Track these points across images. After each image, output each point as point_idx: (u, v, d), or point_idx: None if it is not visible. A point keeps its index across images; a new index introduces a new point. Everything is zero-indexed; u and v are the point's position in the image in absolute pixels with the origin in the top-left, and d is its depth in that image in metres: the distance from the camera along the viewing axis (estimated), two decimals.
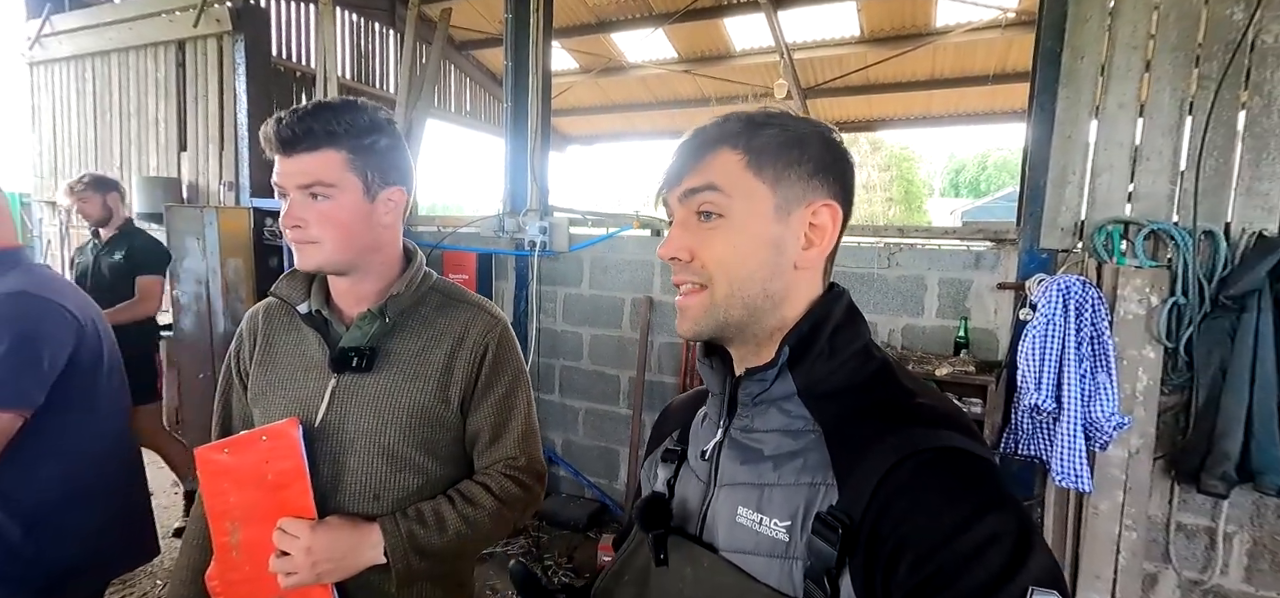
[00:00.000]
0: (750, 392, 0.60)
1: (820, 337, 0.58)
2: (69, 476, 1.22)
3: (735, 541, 0.57)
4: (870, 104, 8.41)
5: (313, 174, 0.89)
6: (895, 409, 0.55)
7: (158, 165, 5.04)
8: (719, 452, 0.63)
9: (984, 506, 0.48)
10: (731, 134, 0.59)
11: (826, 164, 0.59)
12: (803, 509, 0.53)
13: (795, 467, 0.56)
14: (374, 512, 0.95)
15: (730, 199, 0.58)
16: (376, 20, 6.50)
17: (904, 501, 0.48)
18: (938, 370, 2.37)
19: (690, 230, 0.60)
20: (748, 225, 0.58)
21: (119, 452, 1.37)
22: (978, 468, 0.50)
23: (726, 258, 0.58)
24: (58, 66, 5.55)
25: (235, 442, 0.97)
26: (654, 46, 7.10)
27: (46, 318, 1.17)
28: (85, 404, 1.25)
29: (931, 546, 0.46)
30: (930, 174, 29.71)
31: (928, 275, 2.65)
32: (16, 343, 1.10)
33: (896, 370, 0.60)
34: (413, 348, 1.00)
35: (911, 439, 0.51)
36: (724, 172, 0.58)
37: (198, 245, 3.43)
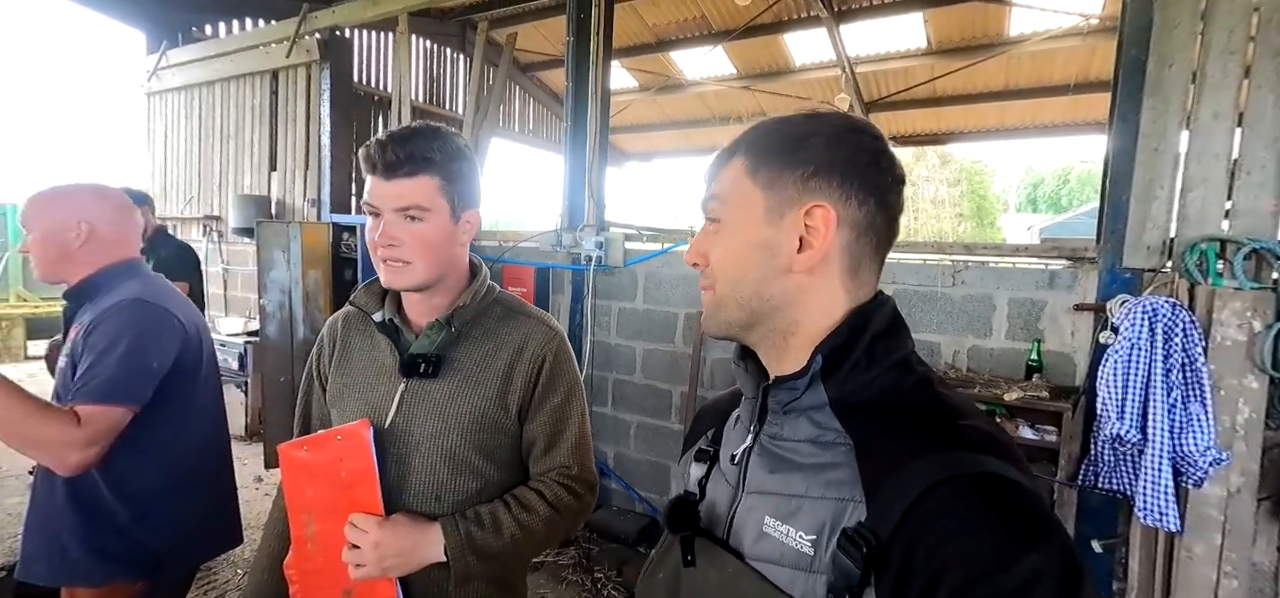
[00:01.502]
0: (780, 400, 0.59)
1: (856, 347, 0.56)
2: (169, 466, 1.35)
3: (761, 549, 0.57)
4: (939, 117, 8.11)
5: (410, 198, 0.96)
6: (934, 429, 0.53)
7: (251, 184, 5.48)
8: (748, 458, 0.63)
9: (1028, 540, 0.45)
10: (743, 141, 0.61)
11: (830, 164, 0.57)
12: (829, 524, 0.52)
13: (824, 480, 0.55)
14: (435, 512, 1.01)
15: (726, 205, 0.60)
16: (449, 46, 6.84)
17: (941, 528, 0.46)
18: (1007, 395, 2.25)
19: (704, 236, 0.63)
20: (739, 229, 0.60)
21: (213, 445, 1.50)
22: (1022, 499, 0.47)
23: (722, 260, 0.61)
24: (171, 96, 6.15)
25: (313, 440, 1.05)
26: (713, 64, 7.12)
27: (157, 324, 1.30)
28: (185, 402, 1.38)
29: (970, 579, 0.44)
30: (1005, 189, 28.24)
31: (996, 295, 2.53)
32: (131, 345, 1.24)
33: (938, 387, 0.58)
34: (476, 356, 1.05)
35: (951, 463, 0.49)
36: (727, 179, 0.61)
37: (283, 257, 3.70)
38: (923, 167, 24.25)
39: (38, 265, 1.35)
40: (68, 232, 1.32)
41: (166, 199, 6.24)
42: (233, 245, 5.62)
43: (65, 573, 1.29)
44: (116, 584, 1.31)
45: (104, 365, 1.21)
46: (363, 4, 4.66)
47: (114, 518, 1.29)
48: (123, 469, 1.28)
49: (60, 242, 1.32)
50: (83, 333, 1.26)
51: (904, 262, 2.74)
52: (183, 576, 1.51)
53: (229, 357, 4.43)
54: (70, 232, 1.32)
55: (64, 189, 1.37)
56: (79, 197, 1.36)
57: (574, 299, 3.61)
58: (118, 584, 1.32)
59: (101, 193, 1.40)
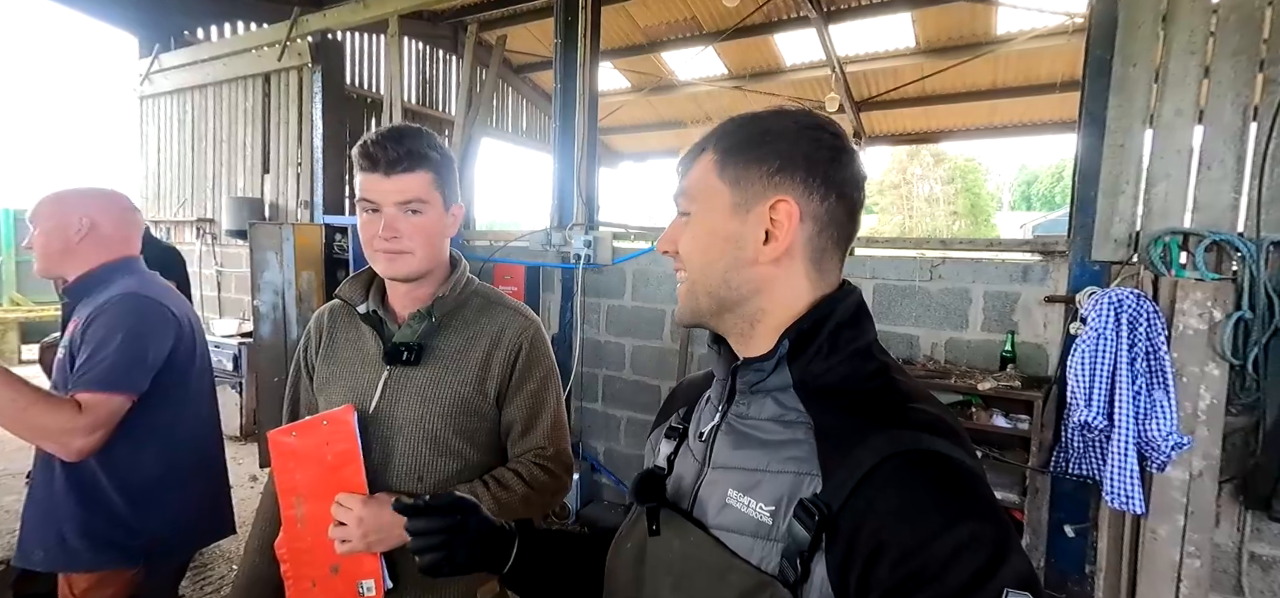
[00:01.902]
0: (748, 380, 0.63)
1: (821, 333, 0.60)
2: (165, 455, 1.40)
3: (723, 519, 0.61)
4: (929, 116, 8.19)
5: (411, 192, 1.03)
6: (887, 411, 0.57)
7: (244, 186, 5.52)
8: (715, 435, 0.66)
9: (963, 511, 0.49)
10: (712, 138, 0.64)
11: (792, 160, 0.60)
12: (787, 496, 0.56)
13: (784, 455, 0.59)
14: (417, 491, 1.06)
15: (694, 200, 0.64)
16: (441, 47, 6.89)
17: (885, 500, 0.51)
18: (981, 385, 2.32)
19: (675, 227, 0.67)
20: (706, 222, 0.63)
21: (206, 437, 1.55)
22: (960, 474, 0.52)
23: (690, 250, 0.65)
24: (163, 99, 6.18)
25: (301, 426, 1.10)
26: (704, 64, 7.19)
27: (153, 316, 1.36)
28: (180, 393, 1.43)
29: (911, 547, 0.48)
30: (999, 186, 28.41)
31: (972, 288, 2.60)
32: (127, 337, 1.29)
33: (895, 374, 0.62)
34: (455, 345, 1.11)
35: (897, 440, 0.53)
36: (696, 174, 0.64)
37: (276, 259, 3.75)
38: (916, 165, 24.39)
39: (39, 259, 1.40)
40: (70, 227, 1.37)
41: (160, 202, 6.28)
42: (226, 247, 5.66)
43: (63, 560, 1.34)
44: (112, 570, 1.36)
45: (103, 355, 1.26)
46: (354, 7, 4.71)
47: (111, 506, 1.34)
48: (120, 458, 1.33)
49: (62, 236, 1.37)
50: (81, 325, 1.32)
51: (884, 257, 2.80)
52: (177, 564, 1.56)
53: (224, 358, 4.47)
54: (72, 227, 1.37)
55: (70, 190, 1.43)
56: (84, 195, 1.42)
57: (564, 297, 3.66)
58: (113, 570, 1.36)
59: (106, 193, 1.46)
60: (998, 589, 0.46)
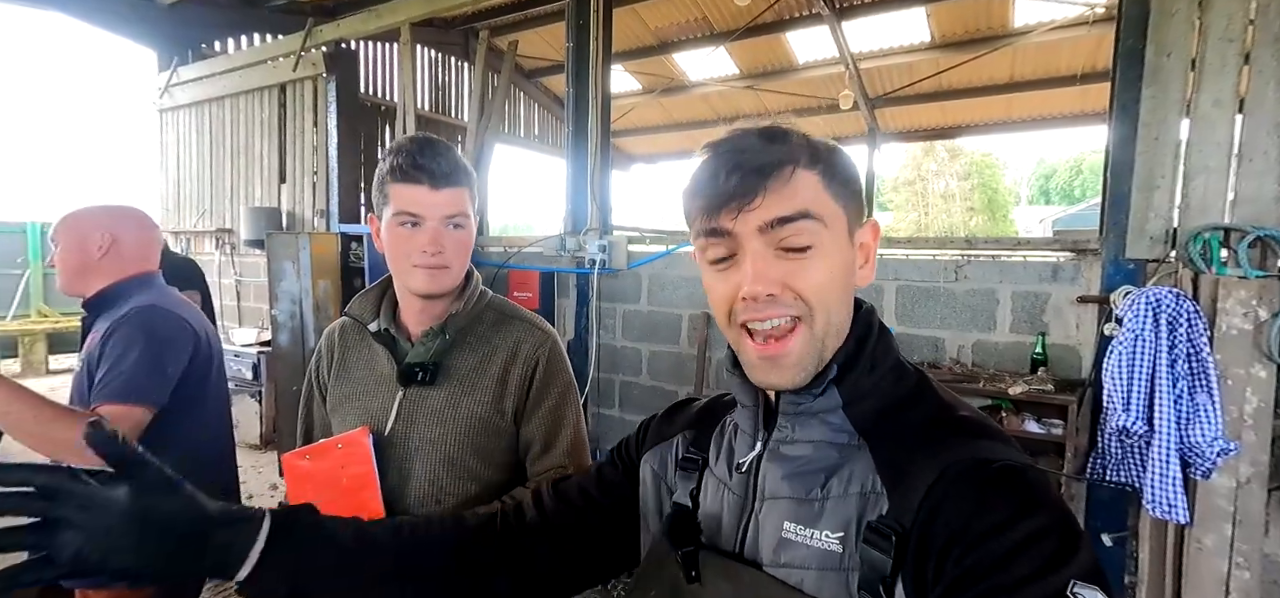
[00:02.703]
0: (795, 402, 0.60)
1: (864, 352, 0.60)
2: (181, 466, 1.38)
3: (784, 556, 0.57)
4: (944, 111, 8.06)
5: (457, 206, 1.02)
6: (938, 423, 0.57)
7: (261, 196, 5.56)
8: (759, 465, 0.62)
9: (1029, 505, 0.49)
10: (801, 151, 0.56)
11: (860, 185, 0.61)
12: (855, 520, 0.55)
13: (843, 478, 0.57)
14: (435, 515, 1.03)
15: (825, 225, 0.56)
16: (453, 54, 6.91)
17: (951, 505, 0.50)
18: (1011, 389, 2.24)
19: (774, 260, 0.55)
20: (834, 252, 0.57)
21: (221, 447, 1.54)
22: (1023, 475, 0.52)
23: (824, 286, 0.56)
24: (182, 112, 6.26)
25: (315, 449, 1.07)
26: (716, 64, 7.13)
27: (171, 329, 1.36)
28: (198, 405, 1.43)
29: (976, 539, 0.48)
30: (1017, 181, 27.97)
31: (1000, 289, 2.52)
32: (146, 349, 1.29)
33: (933, 384, 0.62)
34: (470, 362, 1.07)
35: (956, 450, 0.53)
36: (811, 197, 0.55)
37: (293, 268, 3.76)
38: (931, 161, 24.07)
39: (62, 276, 1.41)
40: (91, 244, 1.38)
41: (180, 213, 6.35)
42: (245, 257, 5.71)
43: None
44: (133, 589, 1.34)
45: (122, 368, 1.26)
46: (366, 16, 4.72)
47: None
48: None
49: (83, 253, 1.38)
50: (100, 339, 1.31)
51: (906, 258, 2.73)
52: (197, 585, 1.54)
53: (243, 367, 4.50)
54: (93, 244, 1.38)
55: (91, 208, 1.43)
56: (103, 212, 1.43)
57: (579, 302, 3.63)
58: (133, 589, 1.34)
59: (125, 210, 1.47)
60: (1065, 581, 0.45)
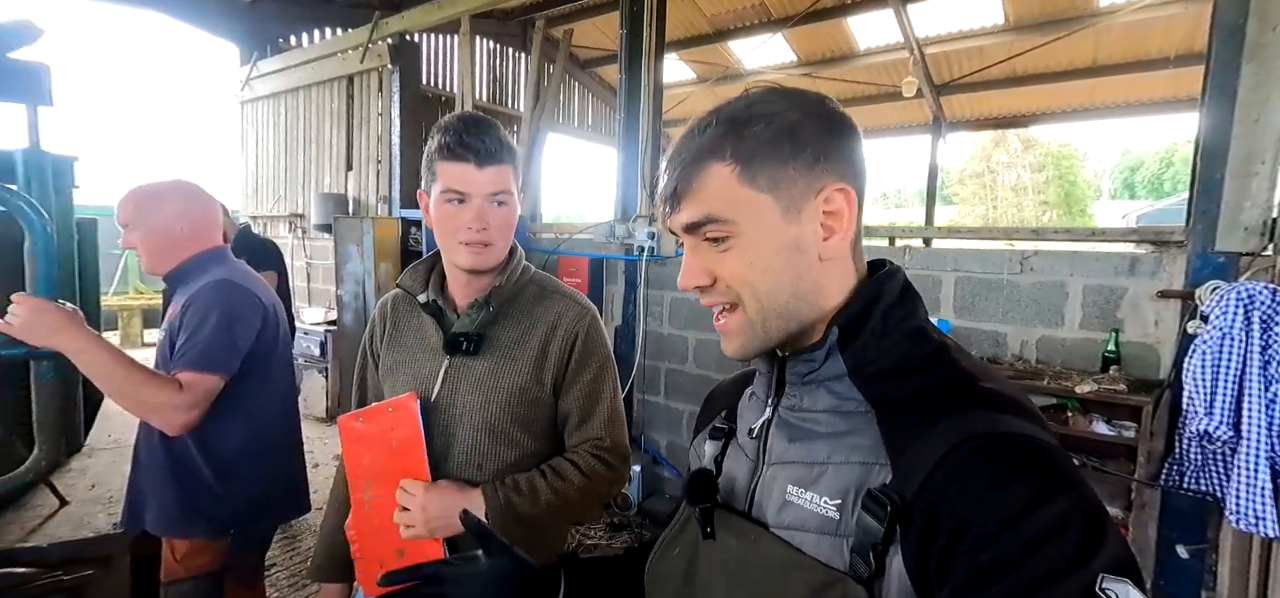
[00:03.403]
0: (798, 372, 0.60)
1: (872, 316, 0.57)
2: (248, 433, 1.49)
3: (785, 517, 0.57)
4: (1018, 98, 7.61)
5: (501, 184, 1.04)
6: (955, 392, 0.53)
7: (330, 183, 5.86)
8: (767, 430, 0.63)
9: (1050, 489, 0.45)
10: (715, 145, 0.56)
11: (827, 144, 0.56)
12: (854, 487, 0.53)
13: (847, 446, 0.55)
14: (476, 479, 1.07)
15: (732, 221, 0.56)
16: (511, 45, 7.05)
17: (962, 483, 0.47)
18: (1079, 387, 2.11)
19: (703, 254, 0.59)
20: (758, 239, 0.56)
21: (285, 418, 1.64)
22: (1042, 453, 0.48)
23: (745, 276, 0.57)
24: (261, 103, 6.66)
25: (367, 412, 1.13)
26: (772, 52, 6.99)
27: (242, 302, 1.44)
28: (264, 375, 1.51)
29: (993, 529, 0.44)
30: (1098, 173, 26.19)
31: (1069, 282, 2.37)
32: (220, 321, 1.38)
33: (955, 354, 0.58)
34: (513, 334, 1.10)
35: (971, 423, 0.49)
36: (718, 195, 0.56)
37: (357, 251, 3.95)
38: (1002, 152, 22.82)
39: (147, 259, 1.47)
40: (174, 227, 1.46)
41: (258, 199, 6.77)
42: (315, 241, 6.03)
43: (163, 524, 1.45)
44: (201, 540, 1.46)
45: (199, 338, 1.35)
46: (428, 8, 4.88)
47: (202, 477, 1.44)
48: (210, 432, 1.42)
49: (169, 235, 1.46)
50: (180, 310, 1.42)
51: (967, 249, 2.61)
52: (260, 536, 1.65)
53: (312, 344, 4.77)
54: (176, 227, 1.46)
55: (166, 185, 1.48)
56: (177, 194, 1.48)
57: (627, 289, 3.66)
58: (202, 540, 1.46)
59: (193, 189, 1.52)
60: (1092, 577, 0.41)
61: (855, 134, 0.58)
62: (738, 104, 0.57)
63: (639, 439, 3.67)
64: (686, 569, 0.65)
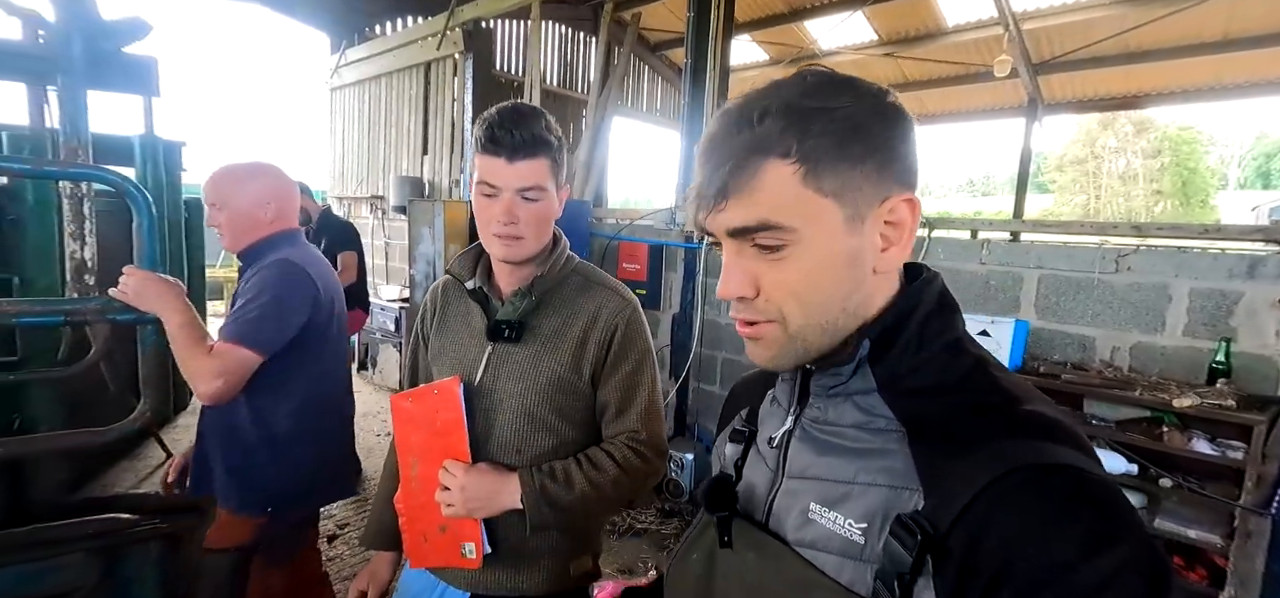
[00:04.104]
0: (824, 384, 0.57)
1: (906, 329, 0.53)
2: (297, 412, 1.50)
3: (806, 535, 0.55)
4: (1130, 77, 6.91)
5: (531, 178, 1.04)
6: (996, 414, 0.50)
7: (407, 166, 6.14)
8: (788, 441, 0.60)
9: (1108, 535, 0.41)
10: (774, 138, 0.50)
11: (894, 147, 0.51)
12: (882, 512, 0.50)
13: (875, 467, 0.52)
14: (515, 464, 1.09)
15: (794, 228, 0.50)
16: (582, 29, 7.10)
17: (1009, 521, 0.43)
18: (1179, 400, 1.91)
19: (748, 261, 0.53)
20: (819, 249, 0.51)
21: (336, 401, 1.64)
22: (1098, 491, 0.44)
23: (801, 290, 0.52)
24: (348, 90, 7.06)
25: (415, 393, 1.18)
26: (851, 31, 6.68)
27: (295, 282, 1.46)
28: (316, 358, 1.52)
29: (1043, 575, 0.41)
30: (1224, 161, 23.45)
31: (1173, 284, 2.14)
32: (271, 298, 1.40)
33: (995, 370, 0.54)
34: (554, 324, 1.11)
35: (1017, 452, 0.45)
36: (777, 198, 0.50)
37: (429, 232, 4.12)
38: (1110, 136, 20.84)
39: (229, 237, 1.50)
40: (259, 209, 1.49)
41: (344, 181, 7.20)
42: (393, 221, 6.36)
43: (216, 492, 1.47)
44: (246, 515, 1.48)
45: (245, 311, 1.38)
46: None
47: (252, 451, 1.47)
48: (261, 408, 1.45)
49: (253, 217, 1.49)
50: (242, 284, 1.49)
51: (1054, 244, 2.41)
52: (301, 518, 1.64)
53: (387, 320, 5.05)
54: (262, 209, 1.49)
55: (250, 168, 1.51)
56: (266, 177, 1.52)
57: (686, 277, 3.63)
58: (247, 515, 1.48)
59: (274, 172, 1.56)
60: None
61: (915, 134, 0.54)
62: (792, 91, 0.51)
63: (693, 427, 3.66)
64: (704, 575, 0.64)
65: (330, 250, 3.51)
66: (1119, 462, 2.02)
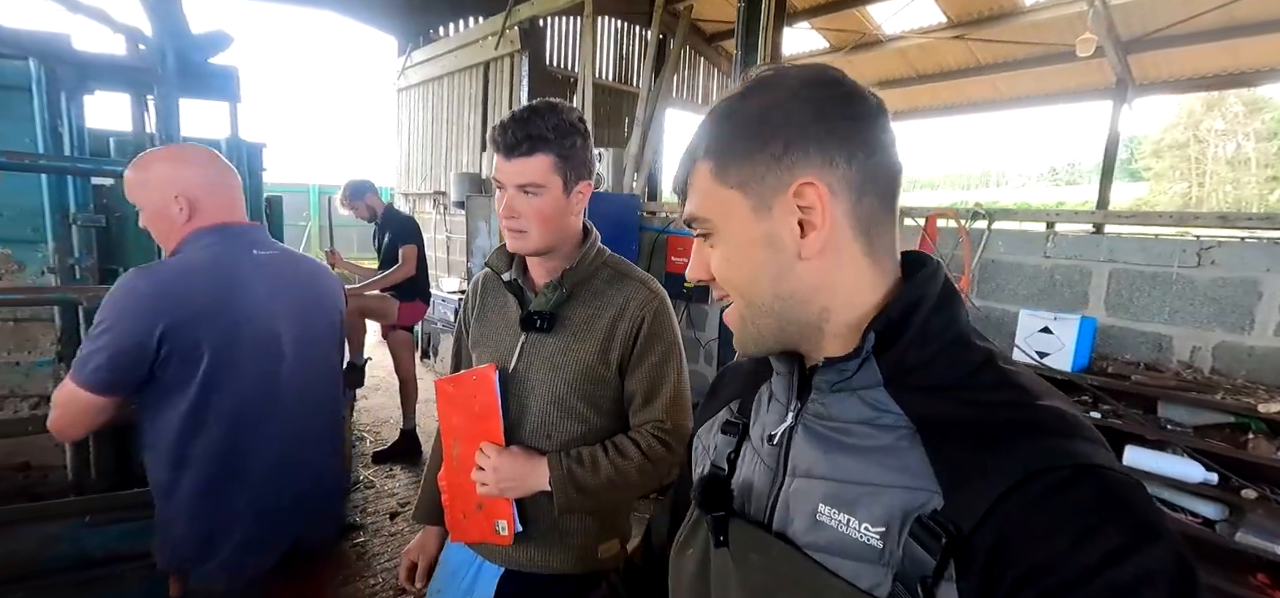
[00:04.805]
0: (827, 379, 0.55)
1: (912, 322, 0.52)
2: (180, 466, 1.21)
3: (819, 538, 0.53)
4: (1238, 52, 6.26)
5: (527, 176, 1.08)
6: (1011, 409, 0.49)
7: (467, 163, 6.38)
8: (789, 437, 0.59)
9: (1136, 537, 0.41)
10: (700, 142, 0.57)
11: (799, 132, 0.52)
12: (900, 513, 0.49)
13: (889, 466, 0.51)
14: (545, 448, 1.15)
15: (707, 220, 0.57)
16: (637, 23, 7.13)
17: (1037, 519, 0.43)
18: (1266, 406, 1.75)
19: (700, 250, 0.60)
20: (732, 236, 0.56)
21: (248, 454, 1.26)
22: (1125, 491, 0.43)
23: (726, 274, 0.58)
24: (413, 91, 7.39)
25: (456, 379, 1.25)
26: (917, 14, 6.41)
27: (126, 309, 1.13)
28: (205, 394, 1.19)
29: (1071, 578, 0.41)
30: None
31: (1264, 280, 1.96)
32: (103, 328, 1.12)
33: (1004, 364, 0.53)
34: (584, 315, 1.16)
35: (1039, 451, 0.45)
36: (700, 193, 0.57)
37: (485, 227, 4.28)
38: (1216, 117, 18.99)
39: (159, 241, 1.27)
40: (170, 205, 1.22)
41: (409, 178, 7.55)
42: (454, 216, 6.62)
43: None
44: (168, 568, 1.27)
45: (84, 341, 1.14)
46: None
47: (157, 498, 1.25)
48: (148, 461, 1.23)
49: (166, 216, 1.23)
50: None
51: (1129, 235, 2.25)
52: (228, 586, 1.28)
53: (447, 310, 5.29)
54: (171, 205, 1.22)
55: (157, 155, 1.25)
56: (170, 163, 1.24)
57: None
58: (169, 569, 1.27)
59: (194, 156, 1.26)
60: None
61: (853, 113, 0.53)
62: (726, 97, 0.56)
63: None
64: (699, 572, 0.64)
65: (392, 245, 3.70)
66: (1196, 470, 1.87)
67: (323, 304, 1.43)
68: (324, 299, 1.43)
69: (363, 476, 3.59)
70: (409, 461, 3.77)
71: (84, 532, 1.64)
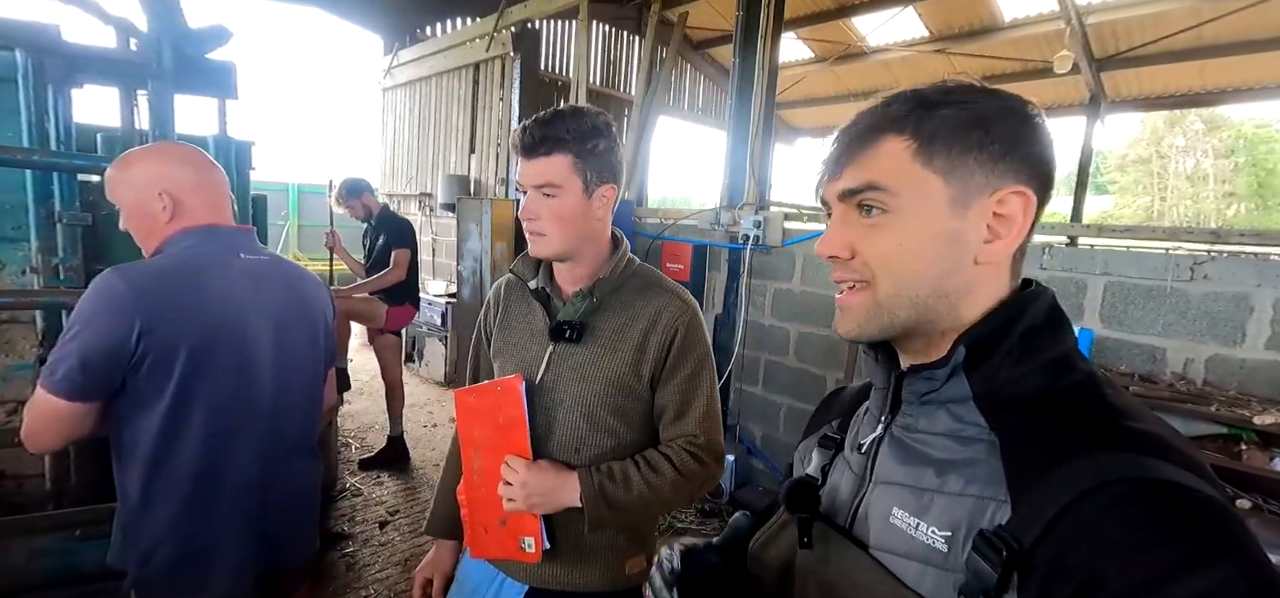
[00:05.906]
0: (916, 390, 0.57)
1: (1008, 338, 0.53)
2: (147, 478, 1.15)
3: (887, 540, 0.55)
4: (1204, 72, 6.54)
5: (545, 176, 1.06)
6: (1095, 428, 0.48)
7: (455, 165, 6.29)
8: (877, 447, 0.60)
9: (1207, 549, 0.39)
10: (896, 118, 0.54)
11: (1017, 145, 0.52)
12: (966, 523, 0.49)
13: (962, 476, 0.52)
14: (574, 462, 1.12)
15: (894, 195, 0.54)
16: (625, 29, 7.13)
17: (1099, 535, 0.42)
18: (1260, 418, 1.81)
19: (850, 226, 0.57)
20: (917, 220, 0.54)
21: (216, 471, 1.19)
22: (1199, 506, 0.41)
23: (892, 255, 0.55)
24: (399, 91, 7.27)
25: (479, 389, 1.21)
26: (900, 27, 6.52)
27: (102, 309, 1.07)
28: (167, 411, 1.13)
29: (1137, 584, 0.39)
30: None
31: (1255, 294, 2.02)
32: (75, 332, 1.06)
33: (1105, 387, 0.52)
34: (614, 325, 1.13)
35: (1114, 465, 0.44)
36: (888, 166, 0.54)
37: (476, 230, 4.22)
38: (1177, 134, 19.72)
39: (140, 244, 1.21)
40: (152, 202, 1.17)
41: (394, 179, 7.42)
42: (440, 218, 6.53)
43: None
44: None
45: (56, 346, 1.07)
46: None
47: (126, 523, 1.18)
48: (119, 472, 1.17)
49: (149, 215, 1.18)
50: None
51: (1121, 249, 2.31)
52: None
53: (434, 314, 5.20)
54: (153, 202, 1.17)
55: (139, 153, 1.21)
56: (152, 160, 1.20)
57: (730, 277, 3.61)
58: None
59: (178, 153, 1.22)
60: None
61: (1051, 143, 0.54)
62: (929, 88, 0.55)
63: (734, 428, 3.64)
64: (781, 570, 0.65)
65: (385, 247, 3.63)
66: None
67: (308, 313, 1.36)
68: (309, 307, 1.36)
69: (350, 483, 3.49)
70: (397, 468, 3.69)
71: (74, 546, 1.55)
